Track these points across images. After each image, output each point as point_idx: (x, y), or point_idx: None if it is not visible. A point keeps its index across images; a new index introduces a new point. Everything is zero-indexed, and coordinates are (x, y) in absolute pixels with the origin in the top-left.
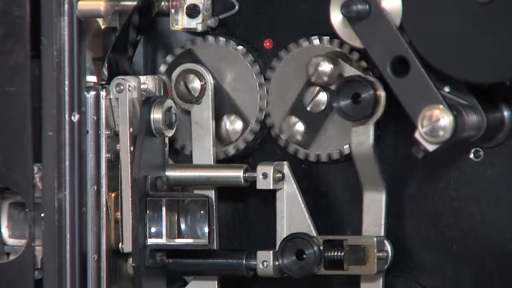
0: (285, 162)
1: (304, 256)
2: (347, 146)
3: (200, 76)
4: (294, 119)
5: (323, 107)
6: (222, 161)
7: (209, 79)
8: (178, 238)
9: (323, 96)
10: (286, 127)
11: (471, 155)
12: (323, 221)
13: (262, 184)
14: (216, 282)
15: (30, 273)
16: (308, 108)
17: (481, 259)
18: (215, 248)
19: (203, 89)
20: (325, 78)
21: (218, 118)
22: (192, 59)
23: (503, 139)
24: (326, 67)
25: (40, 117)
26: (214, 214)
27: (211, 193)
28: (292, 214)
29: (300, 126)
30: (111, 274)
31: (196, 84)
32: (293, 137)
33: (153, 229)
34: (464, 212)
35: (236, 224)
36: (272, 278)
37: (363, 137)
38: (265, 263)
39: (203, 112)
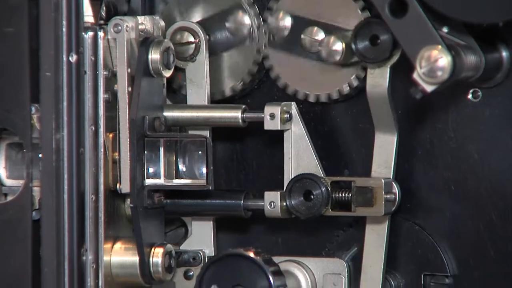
0: (292, 103)
1: (312, 196)
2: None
3: (194, 34)
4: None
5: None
6: (219, 102)
7: (203, 36)
8: (176, 178)
9: (321, 36)
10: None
11: (470, 96)
12: (328, 162)
13: (270, 124)
14: (212, 222)
15: (28, 214)
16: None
17: (480, 200)
18: (211, 188)
19: (197, 46)
20: None
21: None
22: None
23: (501, 80)
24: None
25: (38, 57)
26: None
27: (206, 134)
28: (299, 155)
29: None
30: (109, 215)
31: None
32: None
33: (151, 170)
34: (462, 152)
35: (234, 165)
36: (271, 219)
37: (379, 79)
38: (272, 203)
39: (198, 70)
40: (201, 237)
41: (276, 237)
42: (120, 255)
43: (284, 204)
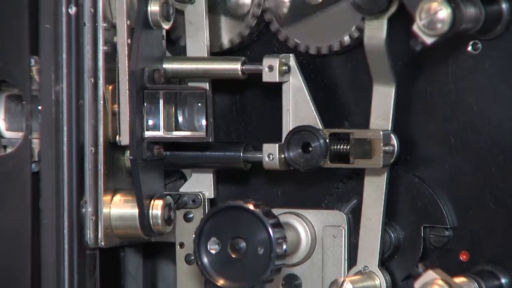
0: (291, 55)
1: (310, 149)
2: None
3: None
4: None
5: None
6: (217, 54)
7: None
8: (175, 131)
9: None
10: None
11: (469, 48)
12: (327, 114)
13: (268, 76)
14: (212, 174)
15: (27, 166)
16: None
17: (480, 152)
18: (211, 140)
19: None
20: None
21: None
22: None
23: (501, 32)
24: None
25: (37, 9)
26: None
27: (206, 85)
28: (298, 107)
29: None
30: (108, 167)
31: None
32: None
33: (150, 122)
34: (462, 105)
35: (233, 117)
36: (270, 171)
37: (376, 31)
38: (271, 155)
39: (197, 11)
40: (201, 180)
41: (275, 189)
42: (119, 207)
43: (283, 156)
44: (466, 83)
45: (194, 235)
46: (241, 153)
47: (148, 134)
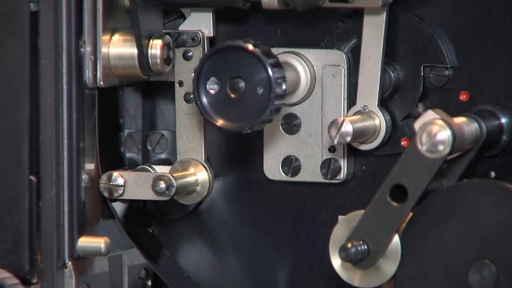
0: None
1: None
2: None
3: None
4: None
5: None
6: None
7: None
8: None
9: None
10: None
11: None
12: None
13: None
14: (211, 13)
15: (26, 5)
16: None
17: None
18: None
19: None
20: None
21: None
22: None
23: None
24: None
25: None
26: None
27: None
28: None
29: None
30: (107, 6)
31: None
32: None
33: None
34: None
35: None
36: (269, 11)
37: None
38: None
39: None
40: (200, 18)
41: (275, 29)
42: (118, 46)
43: None
44: None
45: (193, 74)
46: None
47: None
